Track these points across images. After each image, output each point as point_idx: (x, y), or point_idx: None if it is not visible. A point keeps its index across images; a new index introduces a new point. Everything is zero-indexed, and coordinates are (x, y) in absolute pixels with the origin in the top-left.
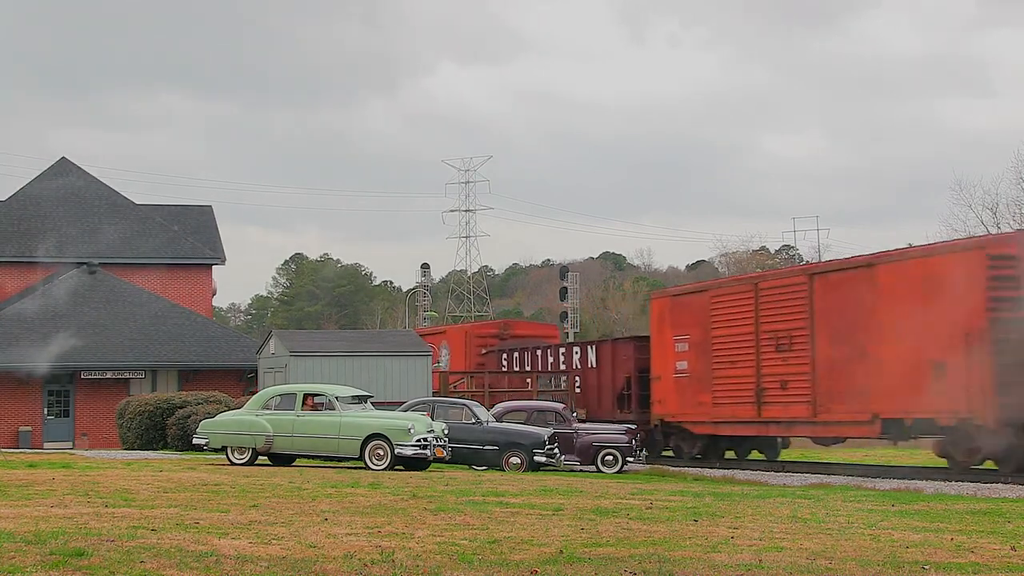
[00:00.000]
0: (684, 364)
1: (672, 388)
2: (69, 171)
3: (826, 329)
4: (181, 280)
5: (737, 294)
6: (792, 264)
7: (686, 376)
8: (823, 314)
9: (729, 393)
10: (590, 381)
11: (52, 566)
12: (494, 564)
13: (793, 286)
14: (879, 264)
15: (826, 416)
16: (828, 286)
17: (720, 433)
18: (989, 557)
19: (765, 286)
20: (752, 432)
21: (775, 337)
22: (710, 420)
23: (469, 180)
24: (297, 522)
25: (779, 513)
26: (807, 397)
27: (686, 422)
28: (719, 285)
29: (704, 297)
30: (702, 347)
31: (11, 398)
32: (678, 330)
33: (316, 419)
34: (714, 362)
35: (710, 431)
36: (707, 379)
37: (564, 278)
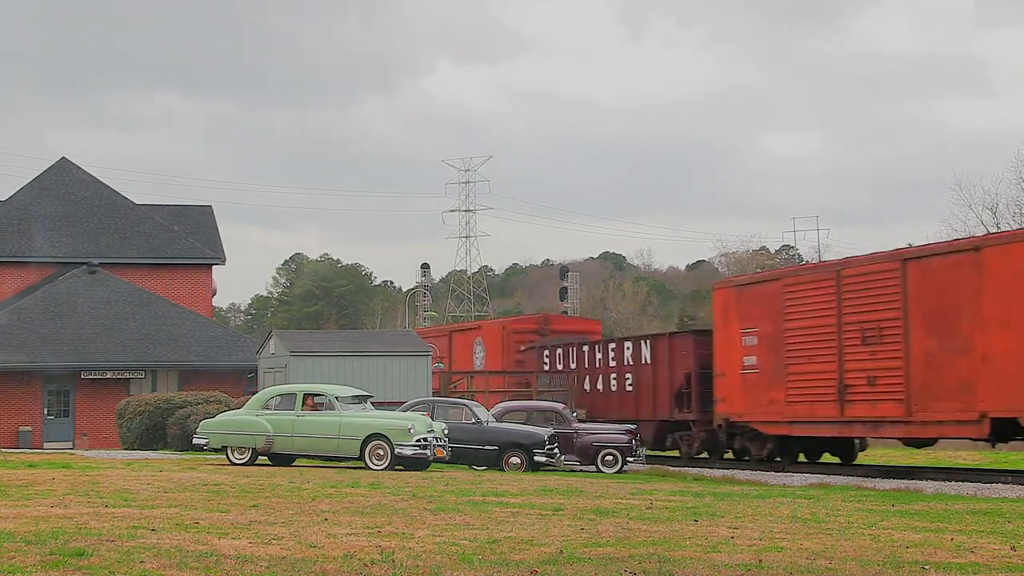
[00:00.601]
0: (753, 359)
1: (738, 385)
2: (69, 171)
3: (922, 319)
4: (181, 280)
5: (816, 282)
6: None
7: (755, 372)
8: (919, 302)
9: (806, 390)
10: (643, 379)
11: (52, 566)
12: (494, 564)
13: (883, 273)
14: (987, 247)
15: (922, 415)
16: (925, 272)
17: (795, 434)
18: (989, 557)
19: (850, 273)
20: (833, 433)
21: (861, 329)
22: (783, 420)
23: (469, 180)
24: (297, 522)
25: (779, 513)
26: (899, 394)
27: (755, 422)
28: (794, 273)
29: (776, 286)
30: (774, 341)
31: (11, 398)
32: (746, 323)
33: (316, 419)
34: (788, 357)
35: (783, 432)
36: (780, 375)
37: (564, 278)
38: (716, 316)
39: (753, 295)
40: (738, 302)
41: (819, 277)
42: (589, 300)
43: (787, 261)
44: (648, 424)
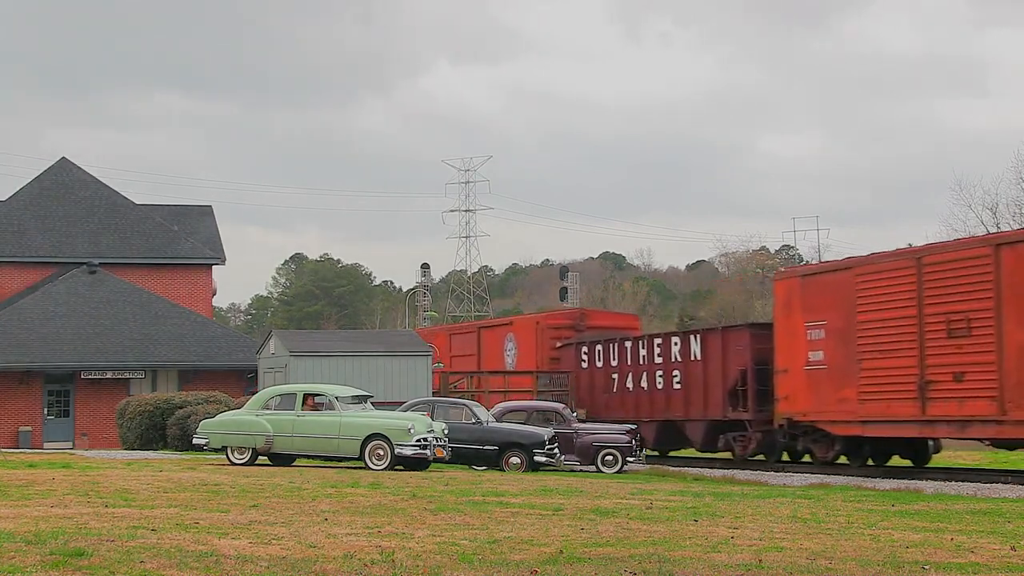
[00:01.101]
0: (819, 354)
1: (803, 382)
2: (69, 171)
3: (1018, 309)
4: (181, 280)
5: (893, 271)
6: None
7: (822, 368)
8: (1014, 291)
9: (881, 387)
10: (692, 376)
11: (52, 566)
12: (494, 564)
13: (973, 260)
14: None
15: (1018, 413)
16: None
17: (868, 434)
18: (989, 557)
19: (933, 261)
20: (912, 433)
21: (947, 320)
22: (855, 419)
23: (469, 180)
24: (297, 522)
25: (779, 513)
26: (991, 391)
27: (821, 421)
28: (868, 261)
29: (847, 276)
30: (844, 334)
31: (11, 398)
32: (811, 315)
33: (316, 419)
34: (860, 351)
35: (854, 432)
36: (851, 371)
37: (564, 278)
38: (777, 308)
39: (820, 285)
40: (802, 293)
41: (897, 265)
42: (589, 300)
43: (787, 261)
44: (698, 424)
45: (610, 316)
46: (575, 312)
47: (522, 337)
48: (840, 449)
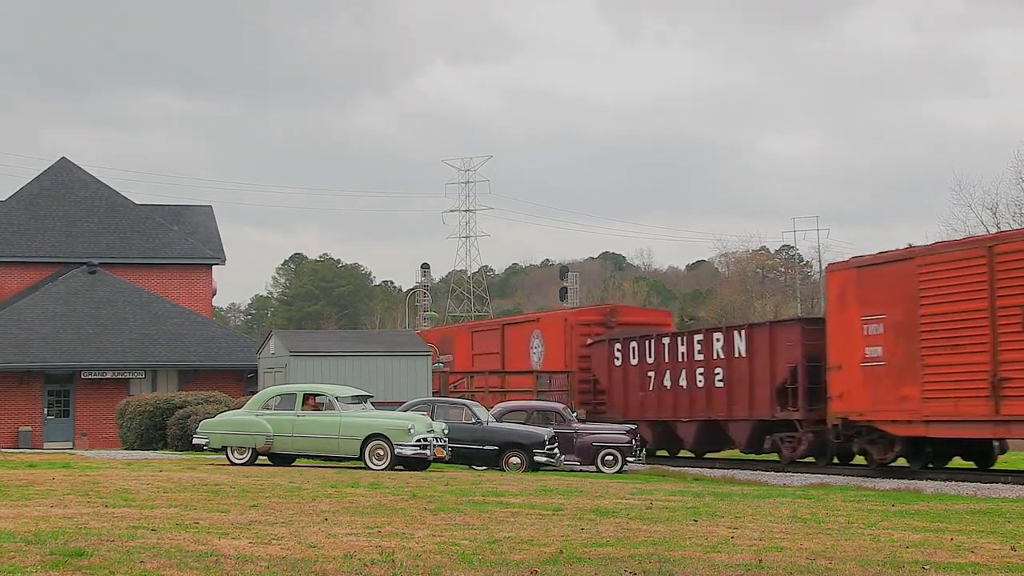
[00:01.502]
0: (877, 350)
1: (859, 380)
2: (69, 171)
3: None
4: (181, 280)
5: (961, 261)
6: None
7: (880, 365)
8: None
9: (948, 385)
10: (736, 373)
11: (52, 566)
12: (494, 564)
13: None
14: None
15: None
16: None
17: (932, 435)
18: (989, 557)
19: (1007, 249)
20: (985, 433)
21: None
22: (918, 419)
23: (469, 180)
24: (297, 522)
25: (779, 513)
26: None
27: (880, 421)
28: (932, 251)
29: (908, 267)
30: (904, 328)
31: (11, 398)
32: (868, 308)
33: (316, 419)
34: (924, 347)
35: (917, 432)
36: (913, 368)
37: (564, 278)
38: (830, 301)
39: (878, 277)
40: (858, 285)
41: (966, 255)
42: (589, 300)
43: (787, 261)
44: (742, 424)
45: (642, 312)
46: (606, 308)
47: (550, 334)
48: (900, 450)
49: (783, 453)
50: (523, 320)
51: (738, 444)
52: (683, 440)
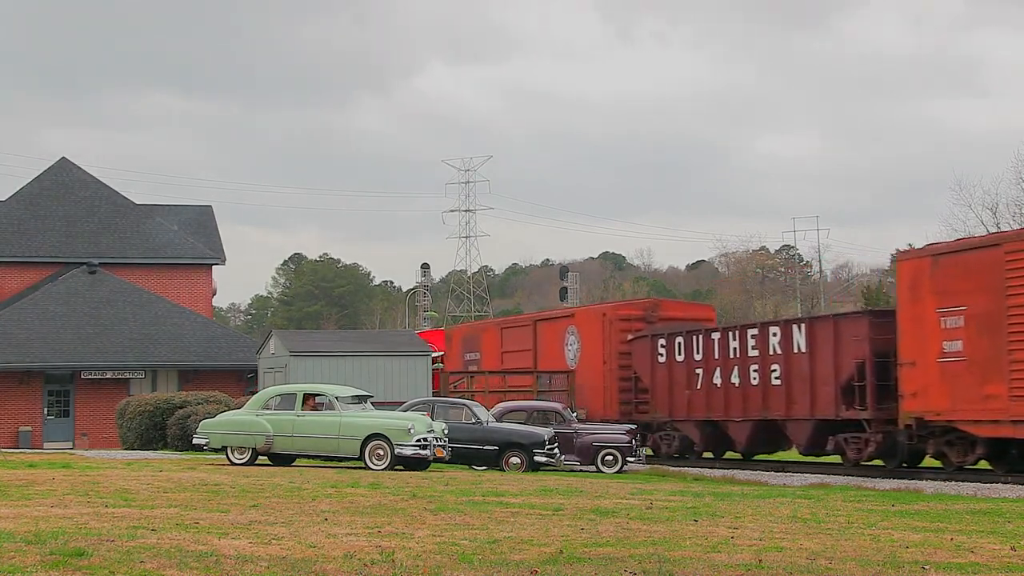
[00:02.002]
0: (957, 345)
1: (936, 377)
2: (69, 171)
3: None
4: (181, 280)
5: None
6: (792, 263)
7: (960, 360)
8: None
9: None
10: (796, 370)
11: (52, 566)
12: (494, 564)
13: None
14: None
15: None
16: None
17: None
18: (989, 557)
19: None
20: None
21: None
22: (1006, 419)
23: (469, 180)
24: (297, 522)
25: (779, 513)
26: None
27: (961, 421)
28: (1022, 237)
29: (995, 254)
30: (989, 321)
31: (11, 398)
32: (946, 300)
33: (316, 419)
34: (1012, 341)
35: (1005, 433)
36: (998, 364)
37: (564, 278)
38: (901, 292)
39: (956, 266)
40: (933, 275)
41: None
42: (589, 300)
43: (787, 261)
44: (802, 424)
45: (684, 306)
46: (647, 302)
47: (586, 330)
48: (982, 453)
49: (847, 455)
50: (557, 315)
51: (797, 445)
52: (734, 441)
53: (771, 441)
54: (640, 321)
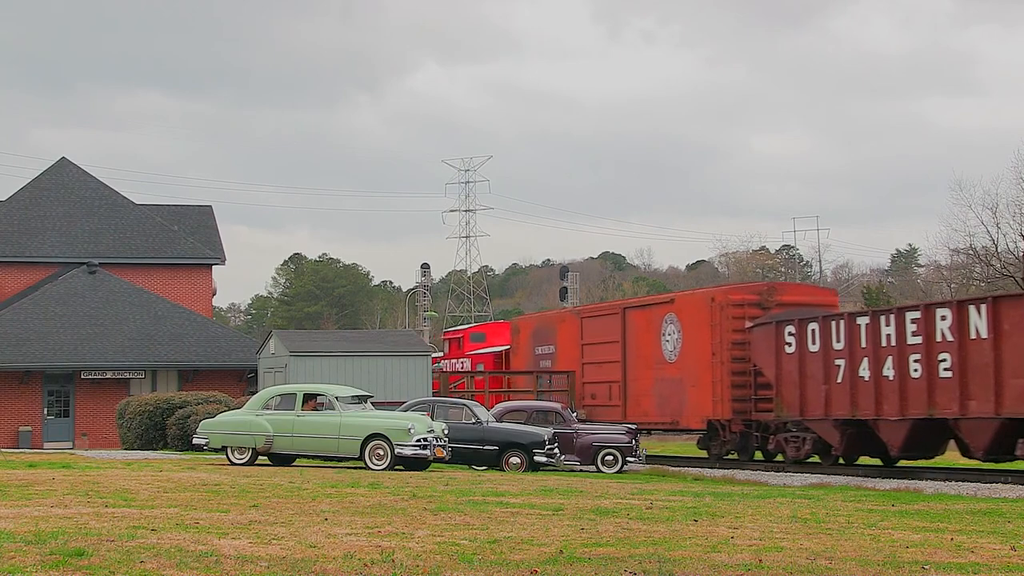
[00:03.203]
0: None
1: None
2: (69, 171)
3: None
4: (181, 280)
5: None
6: (792, 265)
7: None
8: None
9: None
10: (973, 360)
11: (52, 566)
12: (494, 564)
13: None
14: None
15: None
16: None
17: None
18: (989, 557)
19: None
20: None
21: None
22: None
23: (469, 180)
24: (297, 522)
25: (779, 513)
26: None
27: None
28: None
29: None
30: None
31: (11, 398)
32: None
33: (316, 419)
34: None
35: None
36: None
37: (564, 278)
38: None
39: None
40: None
41: None
42: (589, 300)
43: (787, 261)
44: (983, 424)
45: (805, 290)
46: (762, 286)
47: (690, 318)
48: None
49: None
50: (652, 302)
51: (973, 448)
52: (887, 444)
53: (933, 444)
54: (755, 307)
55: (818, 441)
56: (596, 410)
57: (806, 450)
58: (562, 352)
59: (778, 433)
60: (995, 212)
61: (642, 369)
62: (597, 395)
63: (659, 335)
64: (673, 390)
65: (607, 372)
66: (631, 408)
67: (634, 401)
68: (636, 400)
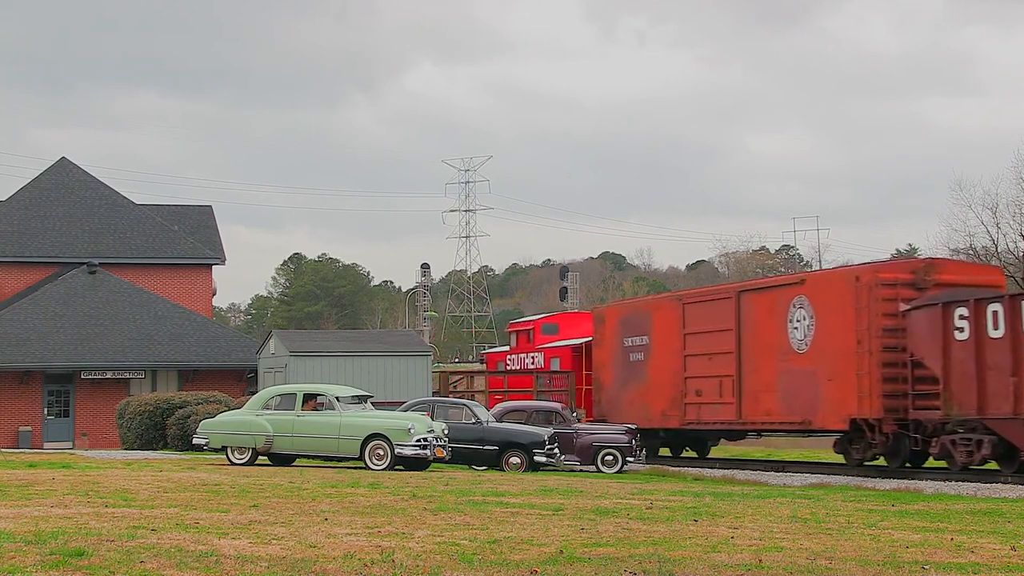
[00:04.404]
0: None
1: None
2: (69, 171)
3: None
4: (181, 280)
5: None
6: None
7: None
8: None
9: None
10: None
11: (52, 566)
12: (494, 564)
13: None
14: None
15: None
16: None
17: None
18: (989, 557)
19: None
20: None
21: None
22: None
23: (469, 180)
24: (297, 522)
25: (779, 513)
26: None
27: None
28: None
29: None
30: None
31: (11, 398)
32: None
33: (316, 419)
34: None
35: None
36: None
37: (564, 278)
38: None
39: None
40: None
41: None
42: (589, 300)
43: (787, 261)
44: None
45: (968, 268)
46: (917, 263)
47: (826, 301)
48: None
49: None
50: (774, 284)
51: None
52: None
53: None
54: (909, 287)
55: (1000, 444)
56: (702, 409)
57: (982, 455)
58: (658, 343)
59: (943, 435)
60: (995, 212)
61: (762, 361)
62: (703, 391)
63: (784, 321)
64: (803, 385)
65: (716, 365)
66: (748, 406)
67: (751, 398)
68: (754, 397)
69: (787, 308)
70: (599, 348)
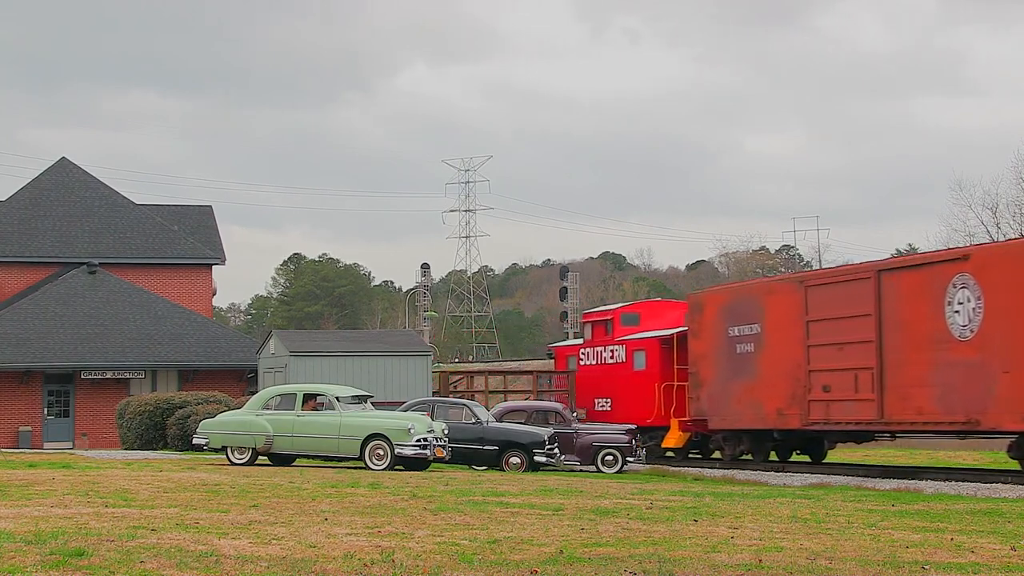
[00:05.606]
0: None
1: None
2: (69, 171)
3: None
4: (181, 280)
5: None
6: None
7: None
8: None
9: None
10: None
11: (52, 566)
12: (494, 564)
13: None
14: None
15: None
16: None
17: None
18: (989, 557)
19: None
20: None
21: None
22: None
23: (469, 180)
24: (297, 522)
25: (779, 513)
26: None
27: None
28: None
29: None
30: None
31: (11, 398)
32: None
33: (316, 419)
34: None
35: None
36: None
37: (564, 278)
38: None
39: None
40: None
41: None
42: (589, 300)
43: (787, 261)
44: None
45: None
46: None
47: (1000, 280)
48: None
49: None
50: (928, 261)
51: None
52: None
53: None
54: None
55: None
56: (832, 406)
57: None
58: (772, 332)
59: None
60: (995, 212)
61: (911, 351)
62: (833, 387)
63: (941, 305)
64: (969, 379)
65: (850, 356)
66: (892, 403)
67: (897, 394)
68: (901, 392)
69: (945, 290)
70: (697, 339)
